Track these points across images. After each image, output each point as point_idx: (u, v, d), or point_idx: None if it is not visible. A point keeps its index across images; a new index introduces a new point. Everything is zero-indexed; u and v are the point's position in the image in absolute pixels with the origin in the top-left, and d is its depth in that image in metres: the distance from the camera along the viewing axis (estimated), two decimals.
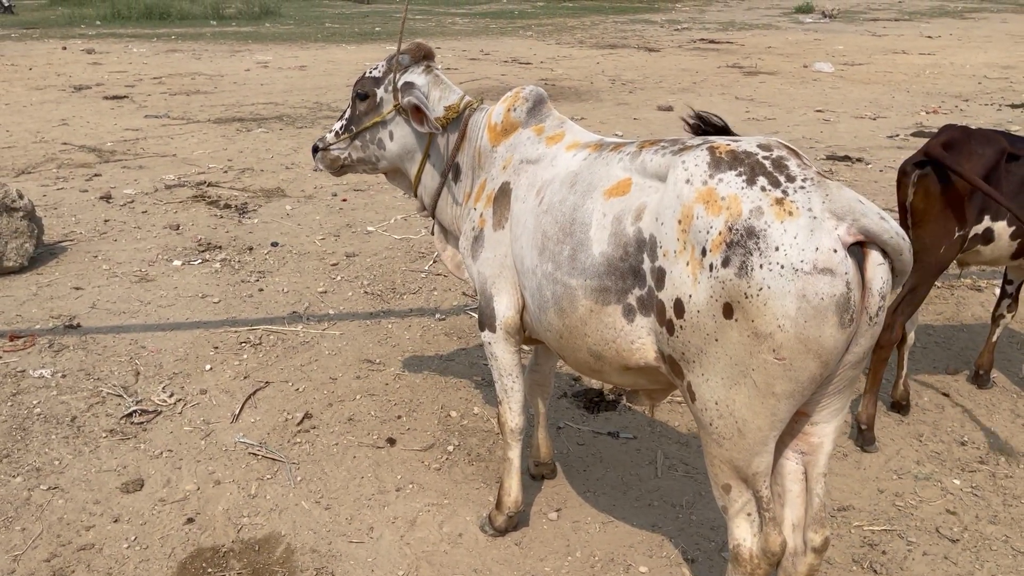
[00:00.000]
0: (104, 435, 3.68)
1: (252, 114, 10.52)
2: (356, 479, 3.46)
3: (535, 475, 3.48)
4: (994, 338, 4.13)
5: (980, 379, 4.18)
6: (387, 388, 4.13)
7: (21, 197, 5.45)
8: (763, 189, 2.00)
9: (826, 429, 2.25)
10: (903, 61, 15.74)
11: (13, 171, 7.75)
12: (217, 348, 4.47)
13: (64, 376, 4.12)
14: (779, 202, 1.97)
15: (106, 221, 6.39)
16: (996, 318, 4.12)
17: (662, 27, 21.98)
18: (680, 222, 2.10)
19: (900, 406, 3.94)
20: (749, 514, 2.27)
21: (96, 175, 7.60)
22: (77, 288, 5.17)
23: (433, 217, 3.24)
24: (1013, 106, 11.32)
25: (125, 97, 11.34)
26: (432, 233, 3.34)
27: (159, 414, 3.85)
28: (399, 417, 3.89)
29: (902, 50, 17.22)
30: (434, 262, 5.72)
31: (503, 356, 2.90)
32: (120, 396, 3.96)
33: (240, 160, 8.28)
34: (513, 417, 3.01)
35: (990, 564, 3.03)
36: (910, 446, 3.73)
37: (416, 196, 3.23)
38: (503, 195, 2.79)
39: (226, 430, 3.76)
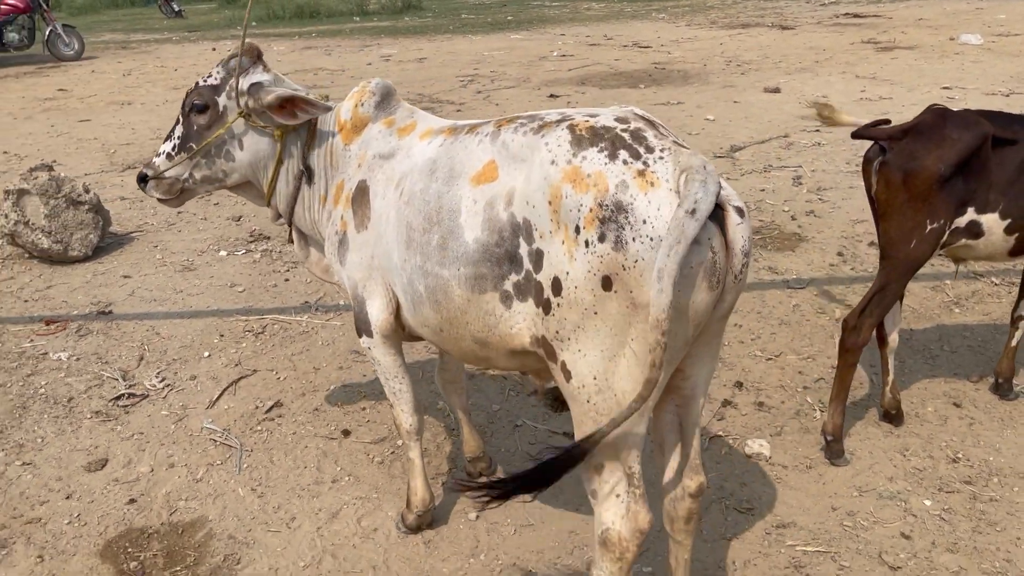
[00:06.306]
0: (89, 416, 3.94)
1: None
2: (298, 469, 3.53)
3: (471, 472, 3.43)
4: (1014, 342, 3.66)
5: (1000, 388, 3.73)
6: (363, 378, 4.18)
7: (87, 191, 5.89)
8: (625, 163, 2.04)
9: (697, 381, 2.33)
10: None
11: (122, 166, 8.38)
12: (223, 336, 4.67)
13: (77, 359, 4.44)
14: (641, 174, 2.02)
15: (178, 213, 6.80)
16: (1015, 320, 3.65)
17: (807, 2, 20.82)
18: (551, 203, 2.11)
19: (890, 416, 3.58)
20: (618, 495, 2.25)
21: None
22: (126, 277, 5.54)
23: (290, 225, 3.12)
24: None
25: None
26: (290, 241, 3.24)
27: (145, 398, 4.08)
28: (363, 409, 3.93)
29: None
30: None
31: (384, 359, 2.87)
32: (117, 380, 4.22)
33: None
34: (407, 418, 2.98)
35: None
36: (889, 460, 3.38)
37: (269, 206, 3.10)
38: (361, 194, 2.72)
39: (199, 416, 3.93)
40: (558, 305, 2.11)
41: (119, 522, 3.26)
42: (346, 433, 3.75)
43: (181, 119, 2.98)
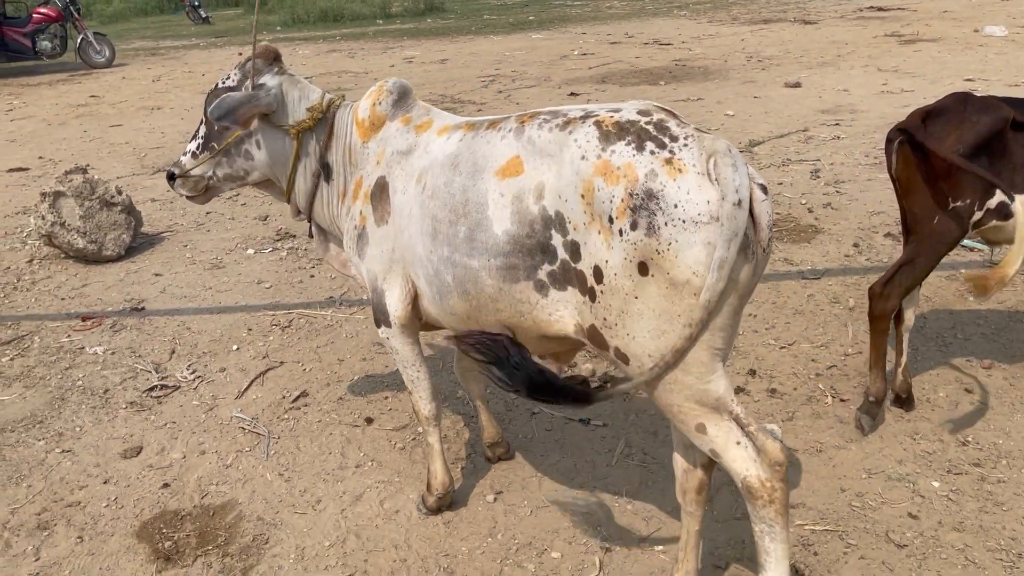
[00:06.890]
0: (125, 406, 4.10)
1: None
2: (324, 455, 3.67)
3: (491, 458, 3.54)
4: None
5: None
6: (385, 369, 4.31)
7: (120, 193, 6.09)
8: (652, 153, 2.16)
9: None
10: None
11: (152, 169, 8.59)
12: (251, 330, 4.82)
13: (112, 353, 4.61)
14: (668, 162, 2.13)
15: (207, 213, 6.99)
16: None
17: None
18: (583, 196, 2.23)
19: (901, 400, 3.64)
20: (738, 442, 2.27)
21: None
22: (157, 275, 5.72)
23: (310, 221, 3.21)
24: None
25: None
26: (310, 236, 3.33)
27: (177, 389, 4.24)
28: (385, 398, 4.06)
29: None
30: None
31: (402, 349, 2.99)
32: (150, 372, 4.39)
33: None
34: (425, 405, 3.09)
35: (931, 573, 2.78)
36: (899, 443, 3.45)
37: (289, 202, 3.18)
38: (380, 190, 2.82)
39: (228, 405, 4.08)
40: (602, 292, 2.23)
41: (154, 505, 3.41)
42: (369, 421, 3.88)
43: (204, 119, 3.09)
